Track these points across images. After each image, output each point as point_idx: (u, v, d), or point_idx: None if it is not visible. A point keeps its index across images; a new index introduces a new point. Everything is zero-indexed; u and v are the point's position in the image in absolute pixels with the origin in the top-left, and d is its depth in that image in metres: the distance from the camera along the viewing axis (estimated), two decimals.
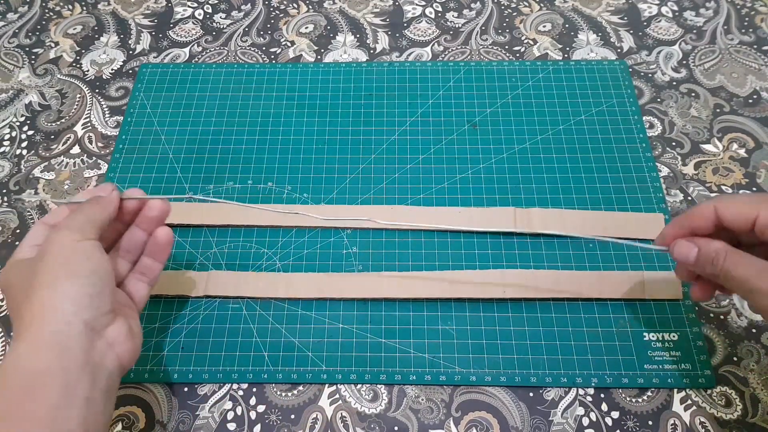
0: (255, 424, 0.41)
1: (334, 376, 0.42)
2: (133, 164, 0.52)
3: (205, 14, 0.65)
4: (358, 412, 0.41)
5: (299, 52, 0.61)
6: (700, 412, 0.40)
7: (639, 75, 0.57)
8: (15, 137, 0.55)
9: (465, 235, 0.47)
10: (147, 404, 0.42)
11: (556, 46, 0.60)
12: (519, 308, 0.44)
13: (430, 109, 0.55)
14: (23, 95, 0.58)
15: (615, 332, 0.43)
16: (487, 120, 0.54)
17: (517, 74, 0.57)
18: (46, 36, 0.63)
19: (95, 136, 0.55)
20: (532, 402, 0.41)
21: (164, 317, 0.45)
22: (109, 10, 0.66)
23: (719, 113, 0.54)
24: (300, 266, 0.46)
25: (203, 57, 0.61)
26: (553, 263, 0.46)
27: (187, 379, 0.42)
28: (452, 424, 0.40)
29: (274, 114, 0.55)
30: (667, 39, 0.60)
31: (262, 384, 0.42)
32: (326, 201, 0.50)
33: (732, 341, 0.43)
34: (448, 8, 0.64)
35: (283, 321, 0.44)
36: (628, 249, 0.46)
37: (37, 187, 0.52)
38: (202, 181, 0.51)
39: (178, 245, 0.48)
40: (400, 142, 0.53)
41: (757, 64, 0.57)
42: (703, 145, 0.52)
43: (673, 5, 0.63)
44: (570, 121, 0.53)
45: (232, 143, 0.53)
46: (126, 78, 0.59)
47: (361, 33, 0.62)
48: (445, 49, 0.60)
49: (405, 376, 0.42)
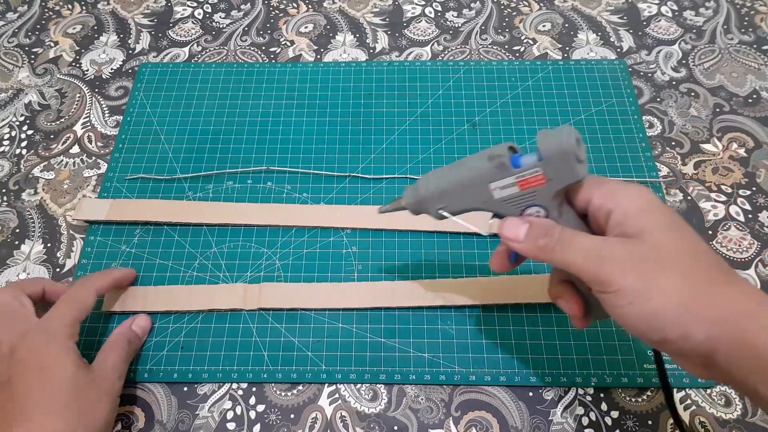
0: (254, 423, 0.41)
1: (333, 376, 0.42)
2: (133, 164, 0.52)
3: (204, 14, 0.65)
4: (357, 412, 0.41)
5: (299, 52, 0.61)
6: (699, 411, 0.40)
7: (639, 75, 0.57)
8: (14, 137, 0.55)
9: (465, 234, 0.47)
10: (147, 404, 0.42)
11: (555, 46, 0.60)
12: (519, 308, 0.44)
13: (429, 108, 0.55)
14: (23, 95, 0.58)
15: (615, 332, 0.43)
16: (487, 120, 0.54)
17: (516, 74, 0.57)
18: (45, 35, 0.63)
19: (95, 135, 0.55)
20: (532, 401, 0.41)
21: (164, 317, 0.45)
22: (108, 9, 0.66)
23: (719, 113, 0.54)
24: (299, 266, 0.46)
25: (203, 56, 0.61)
26: None
27: (187, 379, 0.42)
28: (452, 424, 0.40)
29: (273, 114, 0.55)
30: (667, 38, 0.60)
31: (261, 383, 0.42)
32: (326, 201, 0.50)
33: None
34: (448, 8, 0.64)
35: (282, 321, 0.44)
36: None
37: (37, 187, 0.52)
38: (201, 180, 0.51)
39: (178, 245, 0.48)
40: (399, 142, 0.53)
41: (757, 63, 0.57)
42: (702, 145, 0.52)
43: (673, 5, 0.63)
44: (570, 121, 0.53)
45: (232, 143, 0.53)
46: (125, 77, 0.59)
47: (360, 32, 0.62)
48: (444, 49, 0.60)
49: (405, 376, 0.42)
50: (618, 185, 0.30)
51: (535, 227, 0.31)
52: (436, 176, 0.35)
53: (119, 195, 0.51)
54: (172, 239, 0.48)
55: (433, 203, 0.35)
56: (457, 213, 0.35)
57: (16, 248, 0.49)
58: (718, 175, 0.51)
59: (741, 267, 0.46)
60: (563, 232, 0.30)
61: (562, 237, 0.30)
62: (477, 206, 0.34)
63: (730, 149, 0.52)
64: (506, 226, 0.32)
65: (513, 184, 0.31)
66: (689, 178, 0.51)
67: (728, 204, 0.49)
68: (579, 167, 0.30)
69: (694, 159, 0.52)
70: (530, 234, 0.31)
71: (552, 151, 0.29)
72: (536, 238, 0.31)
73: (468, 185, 0.33)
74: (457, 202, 0.34)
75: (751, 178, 0.50)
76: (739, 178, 0.50)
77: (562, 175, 0.30)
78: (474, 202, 0.33)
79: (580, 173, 0.30)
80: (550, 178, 0.30)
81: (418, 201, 0.36)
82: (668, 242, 0.28)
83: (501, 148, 0.31)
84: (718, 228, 0.48)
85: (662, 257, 0.28)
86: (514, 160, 0.31)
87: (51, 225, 0.50)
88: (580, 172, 0.30)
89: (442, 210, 0.35)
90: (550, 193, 0.31)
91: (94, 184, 0.52)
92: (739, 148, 0.52)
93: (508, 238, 0.32)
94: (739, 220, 0.48)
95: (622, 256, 0.28)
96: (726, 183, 0.50)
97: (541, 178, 0.30)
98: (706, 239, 0.47)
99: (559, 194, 0.31)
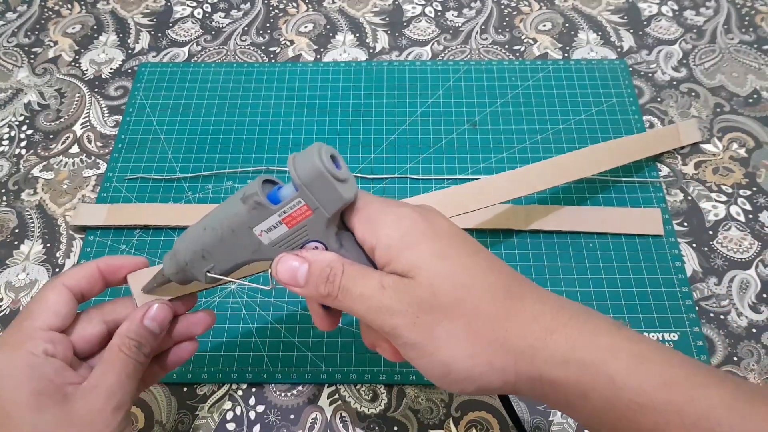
0: (254, 424, 0.41)
1: (333, 376, 0.42)
2: (132, 164, 0.52)
3: (204, 13, 0.64)
4: (357, 412, 0.41)
5: (299, 52, 0.61)
6: None
7: (639, 74, 0.57)
8: (14, 137, 0.55)
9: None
10: (146, 404, 0.42)
11: (556, 46, 0.60)
12: None
13: (430, 108, 0.55)
14: (22, 94, 0.58)
15: None
16: (487, 120, 0.54)
17: (517, 74, 0.57)
18: (45, 35, 0.63)
19: (94, 135, 0.55)
20: (532, 401, 0.41)
21: None
22: (108, 9, 0.66)
23: (719, 113, 0.54)
24: None
25: (202, 56, 0.60)
26: (553, 261, 0.46)
27: (187, 379, 0.42)
28: (452, 424, 0.40)
29: (273, 114, 0.55)
30: (667, 38, 0.60)
31: (261, 384, 0.42)
32: None
33: (732, 341, 0.43)
34: (448, 7, 0.64)
35: (282, 321, 0.44)
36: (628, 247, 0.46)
37: (36, 187, 0.52)
38: (201, 180, 0.51)
39: None
40: (399, 142, 0.53)
41: (758, 63, 0.57)
42: (703, 145, 0.52)
43: (673, 4, 0.63)
44: (570, 121, 0.53)
45: (232, 143, 0.53)
46: (125, 77, 0.59)
47: (360, 32, 0.62)
48: (444, 49, 0.60)
49: (405, 376, 0.42)
50: (376, 212, 0.27)
51: (314, 269, 0.27)
52: (193, 235, 0.29)
53: (119, 195, 0.50)
54: (171, 239, 0.48)
55: (199, 267, 0.29)
56: (229, 272, 0.30)
57: (16, 248, 0.49)
58: (718, 175, 0.51)
59: (741, 267, 0.46)
60: (345, 276, 0.26)
61: (344, 284, 0.26)
62: (248, 258, 0.29)
63: (730, 149, 0.52)
64: (281, 268, 0.27)
65: (279, 224, 0.27)
66: (690, 178, 0.50)
67: (729, 204, 0.49)
68: (342, 188, 0.26)
69: (694, 159, 0.52)
70: (310, 279, 0.27)
71: (305, 176, 0.25)
72: (317, 285, 0.27)
73: (229, 238, 0.28)
74: (224, 259, 0.29)
75: (752, 178, 0.50)
76: (740, 179, 0.50)
77: (325, 201, 0.26)
78: (243, 254, 0.29)
79: (345, 194, 0.26)
80: (315, 207, 0.26)
81: (180, 269, 0.30)
82: (441, 278, 0.25)
83: (253, 185, 0.27)
84: (719, 228, 0.48)
85: (438, 301, 0.25)
86: (272, 195, 0.27)
87: (50, 225, 0.50)
88: (344, 193, 0.26)
89: (210, 272, 0.29)
90: (322, 224, 0.27)
91: (93, 184, 0.52)
92: (739, 148, 0.52)
93: (287, 284, 0.27)
94: (739, 220, 0.48)
95: (398, 307, 0.25)
96: (726, 183, 0.50)
97: (306, 210, 0.26)
98: (706, 239, 0.47)
99: (331, 222, 0.27)
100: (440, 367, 0.25)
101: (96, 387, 0.28)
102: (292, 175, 0.26)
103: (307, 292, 0.27)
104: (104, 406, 0.28)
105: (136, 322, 0.30)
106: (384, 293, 0.25)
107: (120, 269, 0.32)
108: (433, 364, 0.26)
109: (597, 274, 0.45)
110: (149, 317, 0.30)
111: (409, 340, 0.25)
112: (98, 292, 0.32)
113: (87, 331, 0.31)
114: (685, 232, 0.48)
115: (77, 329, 0.31)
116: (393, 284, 0.26)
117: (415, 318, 0.25)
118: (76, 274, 0.31)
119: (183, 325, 0.33)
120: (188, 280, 0.31)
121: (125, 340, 0.30)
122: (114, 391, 0.28)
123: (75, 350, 0.30)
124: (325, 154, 0.26)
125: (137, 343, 0.30)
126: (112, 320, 0.32)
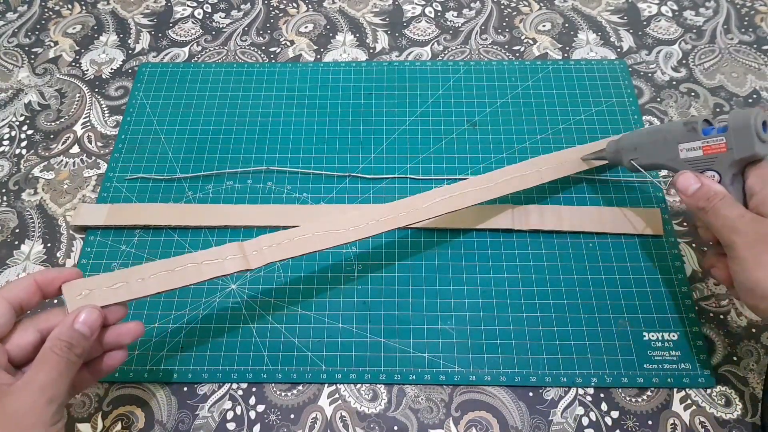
0: (254, 423, 0.41)
1: (333, 376, 0.42)
2: (133, 164, 0.52)
3: (204, 14, 0.65)
4: (357, 412, 0.41)
5: (299, 52, 0.61)
6: (699, 411, 0.40)
7: (639, 74, 0.57)
8: (14, 137, 0.55)
9: (464, 233, 0.47)
10: (146, 404, 0.42)
11: (555, 46, 0.60)
12: (519, 308, 0.44)
13: (429, 108, 0.55)
14: (22, 95, 0.58)
15: (615, 332, 0.43)
16: (487, 120, 0.54)
17: (516, 74, 0.57)
18: (45, 35, 0.63)
19: (94, 135, 0.55)
20: (532, 401, 0.41)
21: (164, 317, 0.44)
22: (108, 9, 0.66)
23: (719, 113, 0.54)
24: (299, 266, 0.46)
25: (203, 56, 0.61)
26: (553, 261, 0.46)
27: (187, 379, 0.42)
28: (452, 424, 0.40)
29: (273, 114, 0.55)
30: (667, 38, 0.60)
31: (261, 384, 0.42)
32: (326, 201, 0.50)
33: (732, 341, 0.43)
34: (448, 8, 0.64)
35: (282, 321, 0.44)
36: (628, 247, 0.46)
37: (37, 187, 0.52)
38: (201, 180, 0.51)
39: (178, 245, 0.48)
40: (399, 142, 0.53)
41: (757, 63, 0.57)
42: None
43: (673, 5, 0.63)
44: (570, 121, 0.53)
45: (232, 143, 0.53)
46: (125, 77, 0.59)
47: (360, 32, 0.62)
48: (444, 49, 0.60)
49: (404, 376, 0.42)
50: None
51: (703, 189, 0.37)
52: (636, 133, 0.43)
53: (119, 195, 0.51)
54: (172, 239, 0.48)
55: (628, 154, 0.43)
56: (645, 166, 0.42)
57: (16, 248, 0.49)
58: None
59: None
60: (719, 201, 0.36)
61: (716, 205, 0.36)
62: (663, 162, 0.40)
63: None
64: (682, 179, 0.38)
65: (698, 148, 0.38)
66: None
67: None
68: (759, 145, 0.35)
69: None
70: (697, 194, 0.37)
71: (736, 124, 0.36)
72: (699, 199, 0.37)
73: (660, 142, 0.40)
74: (647, 156, 0.41)
75: None
76: None
77: (741, 147, 0.36)
78: (662, 158, 0.40)
79: (759, 151, 0.35)
80: (731, 148, 0.36)
81: (616, 150, 0.44)
82: None
83: (697, 117, 0.38)
84: None
85: None
86: (705, 130, 0.38)
87: (51, 225, 0.50)
88: (758, 149, 0.35)
89: (634, 161, 0.42)
90: (728, 162, 0.37)
91: (93, 184, 0.52)
92: None
93: (679, 189, 0.38)
94: None
95: (748, 231, 0.35)
96: None
97: (723, 147, 0.37)
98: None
99: (735, 164, 0.37)
100: (752, 282, 0.34)
101: (28, 383, 0.30)
102: (729, 120, 0.37)
103: (689, 201, 0.38)
104: (37, 399, 0.30)
105: (67, 325, 0.32)
106: (740, 220, 0.35)
107: (54, 280, 0.34)
108: (749, 279, 0.34)
109: (597, 274, 0.45)
110: (79, 321, 0.33)
111: (739, 255, 0.35)
112: (36, 303, 0.34)
113: (22, 339, 0.33)
114: (685, 232, 0.48)
115: (13, 338, 0.33)
116: (751, 216, 0.35)
117: (753, 241, 0.34)
118: (15, 287, 0.33)
119: (113, 334, 0.35)
120: (615, 161, 0.45)
121: (57, 341, 0.32)
122: (46, 386, 0.30)
123: (10, 357, 0.32)
124: (759, 116, 0.36)
125: (68, 344, 0.32)
126: (45, 328, 0.34)
